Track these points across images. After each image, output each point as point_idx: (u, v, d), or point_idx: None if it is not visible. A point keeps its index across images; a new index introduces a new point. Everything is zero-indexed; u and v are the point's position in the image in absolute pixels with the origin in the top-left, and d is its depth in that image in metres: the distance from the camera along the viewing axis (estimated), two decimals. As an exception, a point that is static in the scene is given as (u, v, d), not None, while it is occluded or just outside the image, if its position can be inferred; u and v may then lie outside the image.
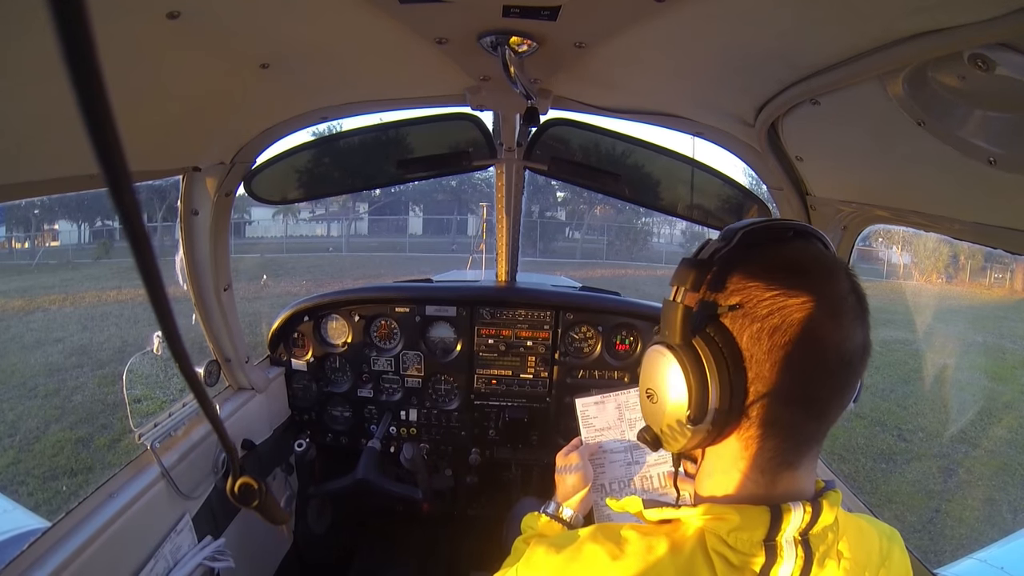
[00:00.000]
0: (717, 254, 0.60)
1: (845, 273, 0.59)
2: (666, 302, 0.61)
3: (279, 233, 21.56)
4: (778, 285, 0.56)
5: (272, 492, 0.59)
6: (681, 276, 0.61)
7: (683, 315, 0.58)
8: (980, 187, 0.82)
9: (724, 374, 0.56)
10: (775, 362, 0.55)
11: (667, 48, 1.01)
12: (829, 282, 0.57)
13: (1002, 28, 0.55)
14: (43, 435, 5.44)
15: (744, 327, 0.56)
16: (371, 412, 2.17)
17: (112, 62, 0.27)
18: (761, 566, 0.57)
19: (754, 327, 0.56)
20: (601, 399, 1.17)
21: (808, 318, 0.55)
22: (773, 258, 0.59)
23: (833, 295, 0.57)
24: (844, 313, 0.56)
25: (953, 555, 3.15)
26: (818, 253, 0.61)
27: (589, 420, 1.16)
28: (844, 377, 0.57)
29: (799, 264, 0.59)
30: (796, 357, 0.55)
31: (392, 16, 0.89)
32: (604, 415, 1.16)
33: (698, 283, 0.59)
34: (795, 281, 0.56)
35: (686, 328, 0.58)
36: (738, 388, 0.57)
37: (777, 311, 0.55)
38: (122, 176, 0.26)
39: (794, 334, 0.55)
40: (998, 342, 10.00)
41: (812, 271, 0.58)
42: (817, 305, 0.55)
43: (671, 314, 0.59)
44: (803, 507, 0.58)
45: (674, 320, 0.59)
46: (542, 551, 0.65)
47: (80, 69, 0.23)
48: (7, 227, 18.21)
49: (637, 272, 16.74)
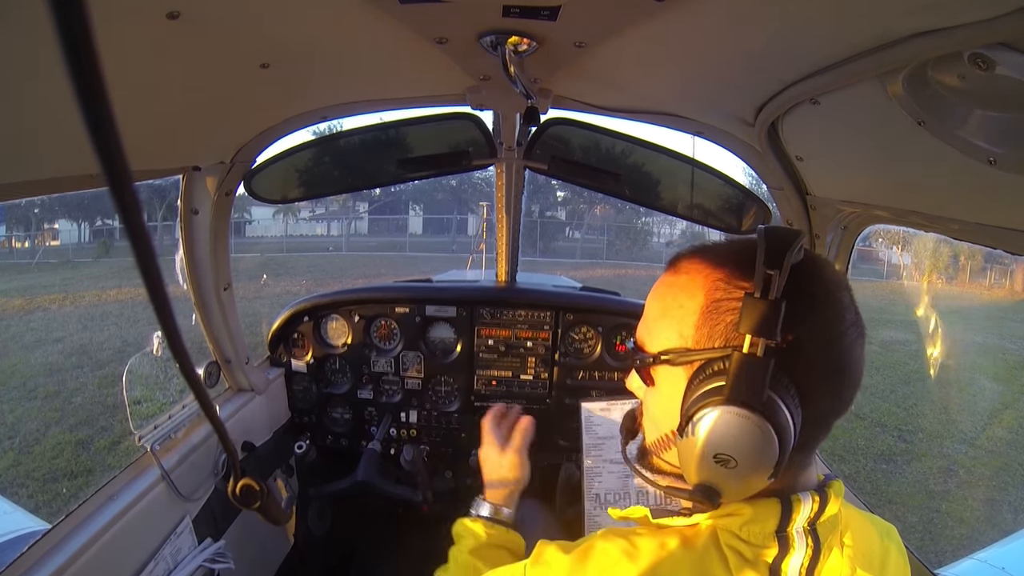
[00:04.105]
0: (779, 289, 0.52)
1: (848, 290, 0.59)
2: (738, 357, 0.53)
3: (279, 232, 21.56)
4: (824, 313, 0.55)
5: (273, 493, 0.59)
6: (758, 324, 0.52)
7: (766, 372, 0.52)
8: (980, 187, 0.82)
9: (798, 421, 0.54)
10: (824, 392, 0.56)
11: (667, 48, 1.01)
12: (848, 306, 0.57)
13: (1002, 28, 0.55)
14: (43, 437, 5.44)
15: (800, 361, 0.54)
16: (371, 414, 2.17)
17: (112, 62, 0.27)
18: (774, 557, 0.57)
19: (810, 361, 0.55)
20: (607, 406, 1.14)
21: (848, 345, 0.56)
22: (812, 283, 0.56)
23: (852, 316, 0.57)
24: (859, 336, 0.58)
25: (953, 555, 3.15)
26: (831, 272, 0.60)
27: (592, 427, 1.13)
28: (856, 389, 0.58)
29: (830, 288, 0.57)
30: (839, 384, 0.56)
31: (392, 16, 0.89)
32: (607, 423, 1.13)
33: (773, 329, 0.51)
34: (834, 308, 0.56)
35: (766, 385, 0.52)
36: (798, 424, 0.54)
37: (827, 342, 0.55)
38: (123, 175, 0.26)
39: (839, 363, 0.56)
40: (998, 343, 10.00)
41: (840, 294, 0.57)
42: (849, 330, 0.56)
43: (749, 372, 0.52)
44: (811, 497, 0.58)
45: (753, 377, 0.52)
46: (552, 550, 0.64)
47: (80, 69, 0.23)
48: (7, 226, 18.22)
49: (637, 272, 16.72)
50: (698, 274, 0.60)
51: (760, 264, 0.53)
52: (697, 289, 0.59)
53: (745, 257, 0.56)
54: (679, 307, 0.60)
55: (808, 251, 0.60)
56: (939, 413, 6.68)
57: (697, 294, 0.59)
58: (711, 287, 0.58)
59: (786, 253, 0.53)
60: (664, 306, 0.62)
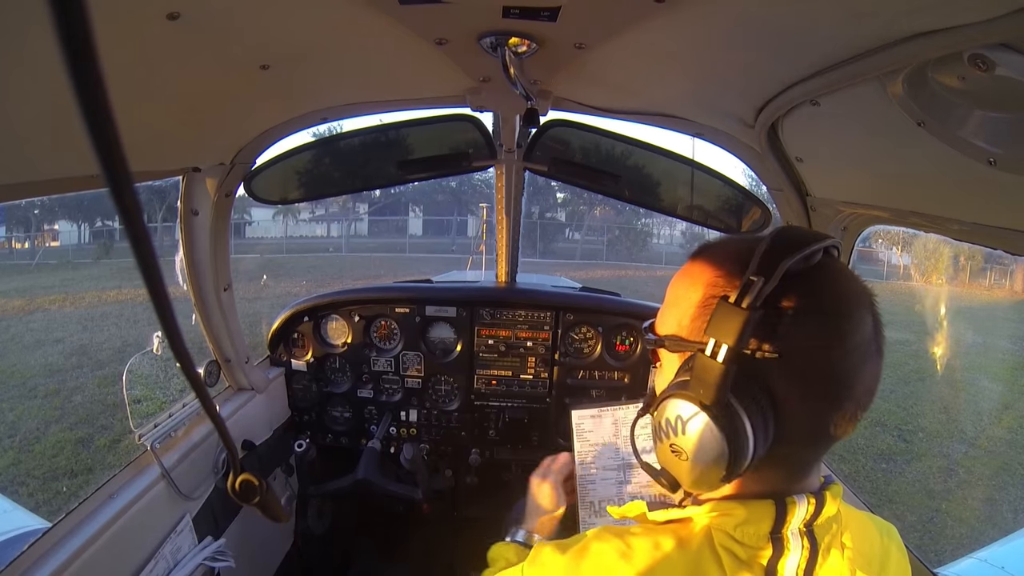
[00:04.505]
0: (760, 297, 0.52)
1: (869, 303, 0.57)
2: (701, 358, 0.53)
3: (279, 233, 21.56)
4: (819, 331, 0.54)
5: (272, 490, 0.59)
6: (724, 327, 0.52)
7: (724, 376, 0.51)
8: (980, 187, 0.82)
9: (761, 429, 0.53)
10: (809, 408, 0.55)
11: (667, 49, 1.01)
12: (861, 320, 0.55)
13: (1002, 28, 0.55)
14: (43, 436, 5.44)
15: (781, 375, 0.53)
16: (371, 412, 2.17)
17: (112, 63, 0.27)
18: (768, 559, 0.57)
19: (792, 375, 0.54)
20: (598, 412, 1.12)
21: (847, 365, 0.54)
22: (813, 298, 0.55)
23: (864, 338, 0.55)
24: (872, 352, 0.56)
25: (953, 555, 3.15)
26: (849, 284, 0.57)
27: (584, 434, 1.12)
28: (866, 407, 0.57)
29: (838, 304, 0.55)
30: (831, 402, 0.55)
31: (392, 17, 0.89)
32: (600, 430, 1.12)
33: (745, 339, 0.51)
34: (835, 325, 0.54)
35: (725, 389, 0.52)
36: (771, 437, 0.54)
37: (818, 361, 0.54)
38: (123, 176, 0.26)
39: (831, 381, 0.54)
40: (998, 343, 10.00)
41: (850, 311, 0.55)
42: (854, 349, 0.54)
43: (708, 373, 0.52)
44: (807, 499, 0.58)
45: (711, 379, 0.52)
46: (549, 551, 0.65)
47: (80, 70, 0.23)
48: (7, 227, 18.22)
49: (637, 273, 16.73)
50: (705, 268, 0.61)
51: (750, 269, 0.53)
52: (700, 283, 0.60)
53: (746, 258, 0.55)
54: (684, 298, 0.61)
55: (829, 259, 0.58)
56: (939, 413, 6.68)
57: (699, 288, 0.60)
58: (711, 283, 0.59)
59: (781, 261, 0.52)
60: (675, 295, 0.63)
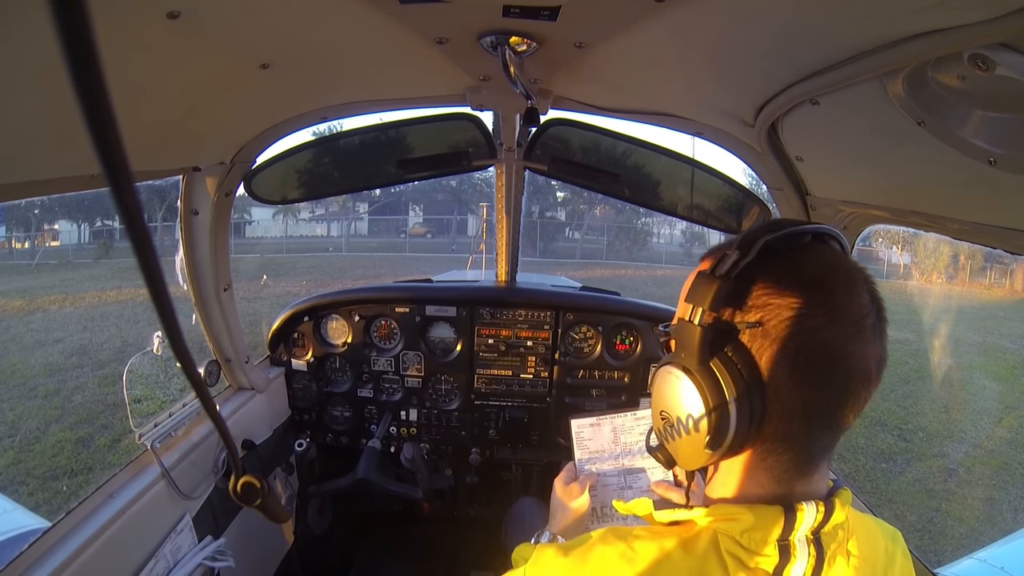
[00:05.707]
0: (735, 268, 0.56)
1: (866, 283, 0.57)
2: (682, 322, 0.57)
3: (279, 233, 21.55)
4: (801, 302, 0.54)
5: (273, 491, 0.59)
6: (698, 294, 0.56)
7: (701, 338, 0.55)
8: (980, 187, 0.82)
9: (744, 398, 0.54)
10: (797, 383, 0.54)
11: (667, 48, 1.01)
12: (852, 297, 0.56)
13: (1002, 28, 0.55)
14: (43, 435, 5.44)
15: (764, 347, 0.54)
16: (371, 412, 2.17)
17: (112, 62, 0.27)
18: (774, 566, 0.56)
19: (775, 347, 0.54)
20: (597, 420, 1.14)
21: (831, 338, 0.54)
22: (794, 272, 0.56)
23: (856, 311, 0.55)
24: (866, 329, 0.55)
25: (953, 555, 3.15)
26: (839, 263, 0.58)
27: (583, 441, 1.13)
28: (863, 392, 0.56)
29: (822, 278, 0.56)
30: (818, 377, 0.54)
31: (392, 16, 0.89)
32: (599, 437, 1.13)
33: (717, 303, 0.55)
34: (818, 298, 0.54)
35: (704, 351, 0.55)
36: (758, 409, 0.55)
37: (800, 331, 0.54)
38: (123, 176, 0.26)
39: (817, 354, 0.54)
40: (998, 342, 10.00)
41: (835, 286, 0.56)
42: (840, 323, 0.54)
43: (688, 336, 0.56)
44: (816, 506, 0.57)
45: (691, 342, 0.56)
46: (551, 553, 0.64)
47: (81, 69, 0.23)
48: (7, 227, 18.19)
49: (637, 272, 16.74)
50: (703, 261, 0.64)
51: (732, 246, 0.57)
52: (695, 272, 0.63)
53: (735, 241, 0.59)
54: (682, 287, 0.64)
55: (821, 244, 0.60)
56: (939, 412, 6.69)
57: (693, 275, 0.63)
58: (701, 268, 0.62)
59: (758, 239, 0.56)
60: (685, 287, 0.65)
